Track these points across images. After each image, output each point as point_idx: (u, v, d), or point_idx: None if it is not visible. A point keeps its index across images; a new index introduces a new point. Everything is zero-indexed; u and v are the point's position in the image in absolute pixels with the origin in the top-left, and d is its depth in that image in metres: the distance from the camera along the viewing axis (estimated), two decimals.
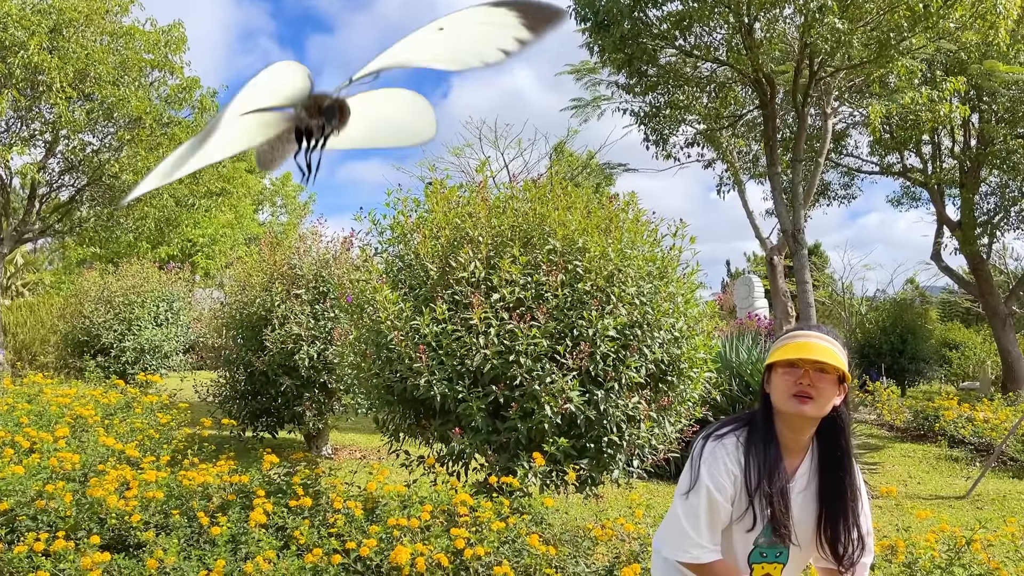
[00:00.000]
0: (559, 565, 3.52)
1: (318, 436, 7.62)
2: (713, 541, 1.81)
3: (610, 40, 10.29)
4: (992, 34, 9.96)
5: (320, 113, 1.19)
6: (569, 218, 4.64)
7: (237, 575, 3.29)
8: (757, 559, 1.84)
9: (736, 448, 1.82)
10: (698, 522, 1.79)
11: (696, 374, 4.86)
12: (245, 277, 7.36)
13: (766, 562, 1.84)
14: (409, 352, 4.25)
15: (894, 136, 16.10)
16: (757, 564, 1.84)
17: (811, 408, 1.74)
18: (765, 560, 1.83)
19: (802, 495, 1.80)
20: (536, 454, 4.05)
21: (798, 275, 11.11)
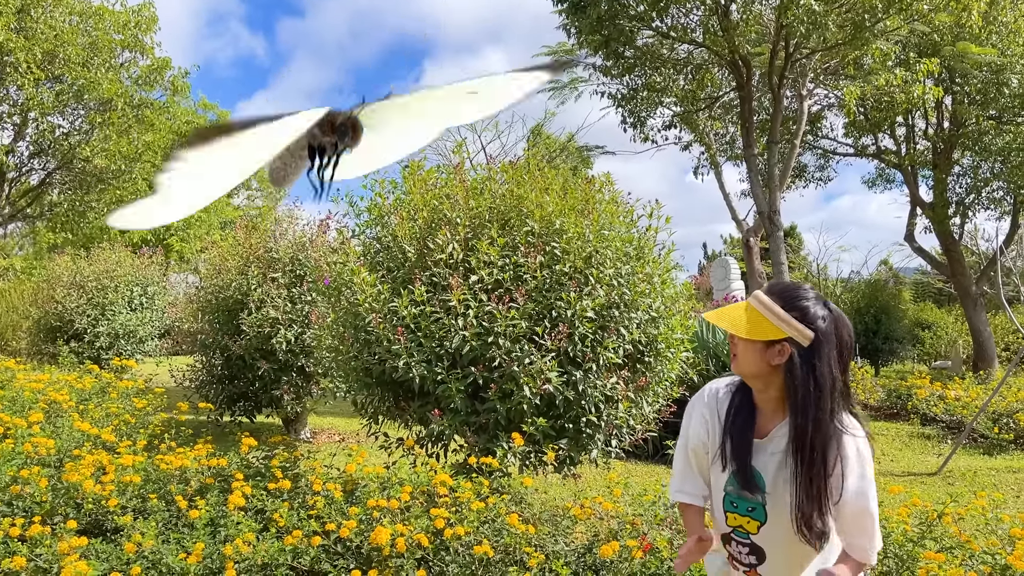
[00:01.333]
0: (538, 544, 3.55)
1: (296, 420, 7.59)
2: (687, 485, 1.96)
3: (587, 21, 10.27)
4: (965, 16, 10.05)
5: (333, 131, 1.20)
6: (546, 199, 4.64)
7: (216, 558, 3.29)
8: (729, 507, 1.88)
9: (714, 396, 1.91)
10: (677, 466, 2.01)
11: (673, 354, 4.90)
12: (220, 261, 7.30)
13: (738, 513, 1.87)
14: (387, 334, 4.25)
15: (869, 118, 16.22)
16: (730, 513, 1.88)
17: (734, 365, 1.83)
18: (736, 511, 1.87)
19: (780, 470, 1.79)
20: (515, 434, 4.07)
21: (774, 256, 11.20)
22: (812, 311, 1.75)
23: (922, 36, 12.18)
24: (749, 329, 1.76)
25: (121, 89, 13.10)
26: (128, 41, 13.53)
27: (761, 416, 1.84)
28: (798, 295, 1.78)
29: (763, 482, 1.81)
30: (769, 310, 1.76)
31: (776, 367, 1.76)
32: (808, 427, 1.72)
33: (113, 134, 13.80)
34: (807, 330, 1.73)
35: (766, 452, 1.81)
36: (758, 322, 1.76)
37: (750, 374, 1.81)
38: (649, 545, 3.32)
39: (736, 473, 1.83)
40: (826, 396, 1.72)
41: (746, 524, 1.86)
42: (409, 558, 3.28)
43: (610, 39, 10.67)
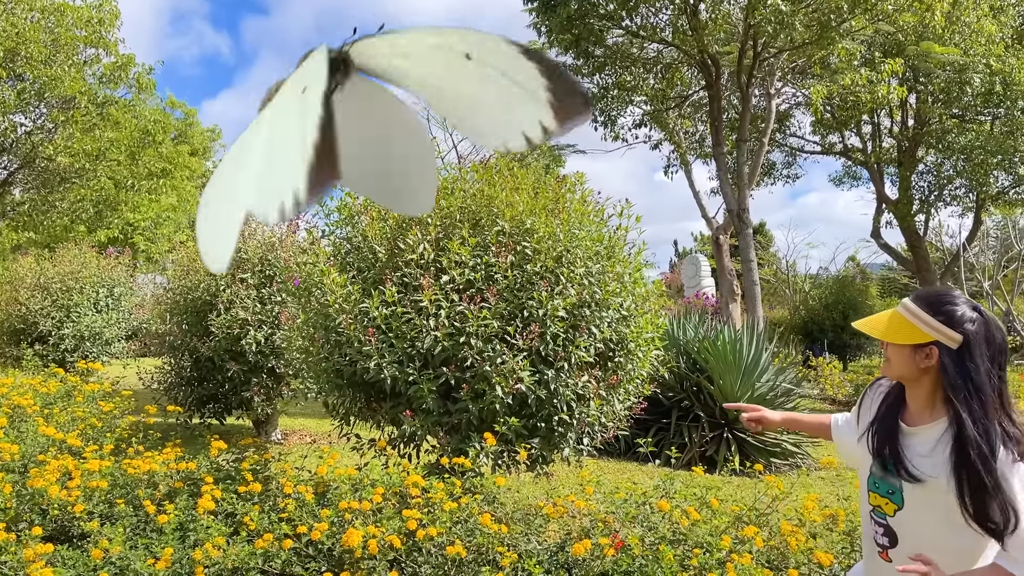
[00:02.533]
0: (511, 543, 3.56)
1: (267, 421, 7.53)
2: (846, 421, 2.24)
3: (557, 20, 10.29)
4: (928, 16, 10.22)
5: None
6: (517, 199, 4.64)
7: (186, 563, 3.25)
8: (871, 487, 1.99)
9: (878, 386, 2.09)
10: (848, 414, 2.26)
11: (644, 352, 4.93)
12: (189, 262, 7.21)
13: (878, 493, 1.97)
14: (358, 335, 4.23)
15: (835, 116, 16.45)
16: (872, 492, 1.99)
17: (885, 370, 1.96)
18: (877, 491, 1.97)
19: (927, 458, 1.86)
20: (487, 434, 4.08)
21: (743, 253, 11.30)
22: (959, 314, 1.82)
23: (887, 36, 12.37)
24: (893, 334, 1.86)
25: (84, 87, 12.88)
26: (91, 38, 13.30)
27: (911, 410, 1.94)
28: (944, 300, 1.86)
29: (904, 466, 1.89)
30: (914, 315, 1.86)
31: (924, 370, 1.86)
32: (972, 425, 1.78)
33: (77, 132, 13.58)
34: (954, 333, 1.81)
35: (914, 441, 1.90)
36: (902, 327, 1.86)
37: (900, 376, 1.92)
38: (621, 543, 3.34)
39: (877, 456, 1.95)
40: (987, 394, 1.80)
41: (884, 506, 1.95)
42: (381, 560, 3.27)
43: (580, 38, 10.71)
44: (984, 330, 1.81)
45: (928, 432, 1.87)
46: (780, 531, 3.50)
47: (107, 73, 13.99)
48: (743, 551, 3.25)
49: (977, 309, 1.84)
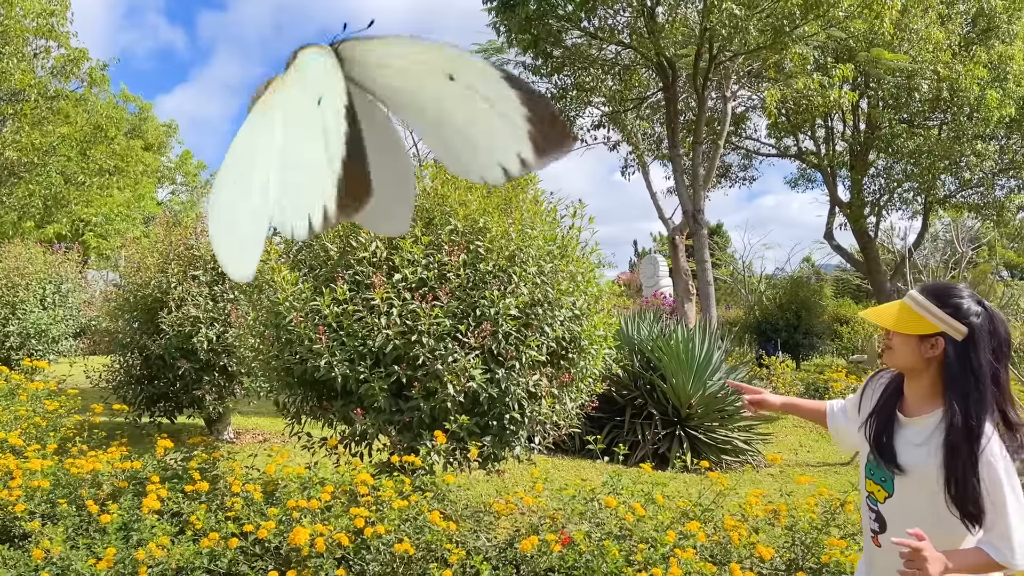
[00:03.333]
0: (460, 540, 3.58)
1: (219, 420, 7.45)
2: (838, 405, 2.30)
3: (516, 21, 10.33)
4: (878, 23, 10.45)
5: None
6: (470, 198, 4.66)
7: (129, 563, 3.22)
8: (868, 473, 2.07)
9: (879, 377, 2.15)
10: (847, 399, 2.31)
11: (596, 350, 4.98)
12: (140, 258, 7.10)
13: (873, 480, 2.04)
14: (309, 333, 4.21)
15: (790, 120, 16.74)
16: (868, 479, 2.07)
17: (887, 359, 2.01)
18: (872, 478, 2.05)
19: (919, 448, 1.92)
20: (438, 432, 4.09)
21: (697, 254, 11.46)
22: (966, 307, 1.88)
23: (839, 42, 12.62)
24: (902, 324, 1.91)
25: (34, 80, 12.59)
26: (42, 30, 13.00)
27: (908, 401, 2.00)
28: (952, 293, 1.92)
29: (895, 457, 1.96)
30: (922, 307, 1.91)
31: (928, 360, 1.92)
32: (965, 414, 1.84)
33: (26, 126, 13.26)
34: (960, 325, 1.87)
35: (909, 431, 1.97)
36: (910, 317, 1.92)
37: (903, 366, 1.98)
38: (568, 539, 3.38)
39: (874, 444, 2.01)
40: (985, 386, 1.85)
41: (876, 492, 2.03)
42: (328, 558, 3.27)
43: (539, 38, 10.76)
44: (988, 323, 1.88)
45: (924, 421, 1.94)
46: (723, 526, 3.57)
47: (58, 66, 13.69)
48: (687, 546, 3.32)
49: (982, 303, 1.91)
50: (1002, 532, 1.79)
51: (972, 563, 1.81)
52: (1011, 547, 1.78)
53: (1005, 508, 1.79)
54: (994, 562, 1.80)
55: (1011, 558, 1.78)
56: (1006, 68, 14.37)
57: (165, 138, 30.41)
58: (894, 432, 2.00)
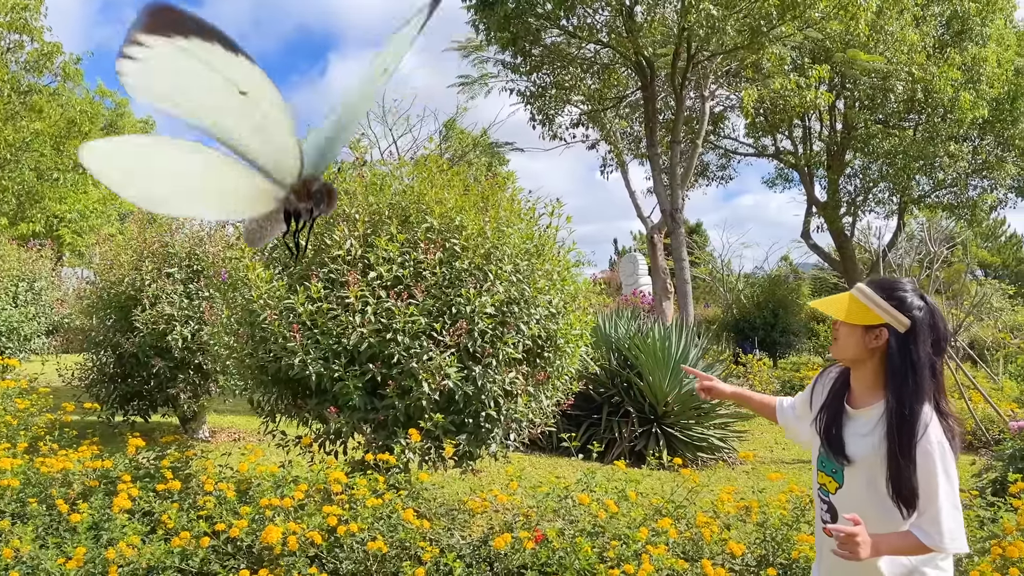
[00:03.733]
0: (433, 538, 3.58)
1: (194, 419, 7.39)
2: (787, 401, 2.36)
3: (494, 19, 10.32)
4: (853, 25, 10.55)
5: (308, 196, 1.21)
6: (446, 196, 4.66)
7: (99, 562, 3.19)
8: (819, 465, 2.12)
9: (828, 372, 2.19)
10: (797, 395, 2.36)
11: (572, 349, 4.99)
12: (113, 256, 7.03)
13: (824, 472, 2.10)
14: (283, 331, 4.19)
15: (768, 120, 16.86)
16: (820, 471, 2.11)
17: (833, 350, 2.07)
18: (824, 470, 2.10)
19: (866, 438, 1.98)
20: (412, 430, 4.09)
21: (675, 253, 11.52)
22: (909, 301, 1.95)
23: (816, 43, 12.73)
24: (850, 315, 1.97)
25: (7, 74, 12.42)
26: (15, 23, 12.83)
27: (855, 393, 2.05)
28: (897, 286, 1.99)
29: (843, 448, 2.01)
30: (869, 299, 1.97)
31: (872, 351, 1.98)
32: (905, 405, 1.91)
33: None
34: (903, 317, 1.94)
35: (856, 423, 2.02)
36: (858, 309, 1.97)
37: (849, 357, 2.03)
38: (541, 536, 3.39)
39: (824, 436, 2.06)
40: (922, 378, 1.93)
41: (828, 483, 2.08)
42: (301, 556, 3.26)
43: (518, 37, 10.76)
44: (930, 318, 1.95)
45: (869, 412, 2.00)
46: (696, 523, 3.60)
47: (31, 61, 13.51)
48: (659, 543, 3.34)
49: (924, 298, 1.98)
50: (933, 517, 1.86)
51: (902, 545, 1.89)
52: (940, 532, 1.85)
53: (937, 494, 1.86)
54: (923, 545, 1.87)
55: (939, 542, 1.86)
56: (979, 70, 14.57)
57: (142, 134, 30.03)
58: (843, 424, 2.05)
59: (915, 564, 1.97)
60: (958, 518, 1.88)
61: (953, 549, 1.89)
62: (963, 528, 1.89)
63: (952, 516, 1.87)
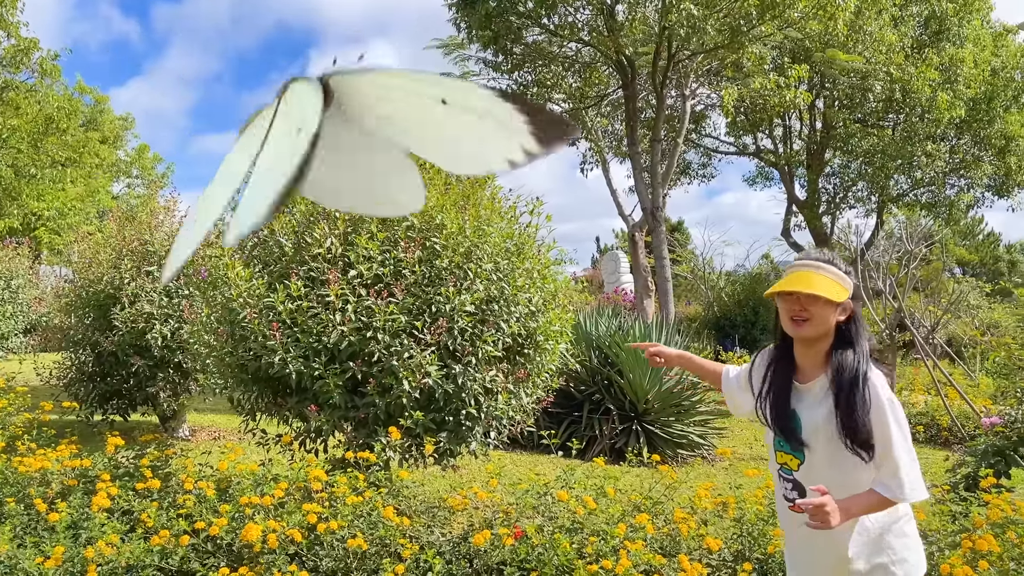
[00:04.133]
0: (414, 535, 3.60)
1: (174, 417, 7.36)
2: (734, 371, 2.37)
3: (476, 17, 10.33)
4: (832, 25, 10.65)
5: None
6: (427, 195, 4.68)
7: (78, 561, 3.19)
8: (777, 446, 2.14)
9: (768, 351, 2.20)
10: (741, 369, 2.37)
11: (552, 346, 5.02)
12: (92, 254, 6.99)
13: (783, 451, 2.12)
14: (263, 329, 4.19)
15: (748, 118, 16.98)
16: (778, 451, 2.14)
17: (806, 329, 1.99)
18: (783, 450, 2.12)
19: (818, 408, 2.01)
20: (392, 428, 4.10)
21: (656, 251, 11.58)
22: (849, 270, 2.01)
23: (796, 42, 12.83)
24: (833, 292, 1.96)
25: None
26: None
27: (803, 369, 2.07)
28: (837, 259, 2.03)
29: (799, 423, 2.03)
30: (834, 274, 1.99)
31: (835, 324, 1.99)
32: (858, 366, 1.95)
33: None
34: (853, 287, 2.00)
35: (808, 397, 2.04)
36: (834, 286, 1.97)
37: (820, 334, 2.01)
38: (520, 532, 3.42)
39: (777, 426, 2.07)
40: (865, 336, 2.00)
41: (789, 462, 2.10)
42: (281, 554, 3.27)
43: (499, 35, 10.78)
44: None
45: (819, 383, 2.03)
46: (673, 519, 3.64)
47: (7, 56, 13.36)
48: (636, 538, 3.38)
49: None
50: (892, 470, 1.91)
51: (868, 503, 1.93)
52: (900, 483, 1.90)
53: (892, 447, 1.91)
54: (887, 499, 1.92)
55: (900, 494, 1.90)
56: (956, 70, 14.74)
57: (121, 131, 29.85)
58: (792, 402, 2.07)
59: (880, 533, 2.02)
60: (915, 468, 1.93)
61: (914, 498, 1.94)
62: (921, 477, 1.95)
63: (910, 467, 1.92)
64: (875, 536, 2.03)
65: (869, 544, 2.04)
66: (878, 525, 2.03)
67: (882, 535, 2.03)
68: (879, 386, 1.95)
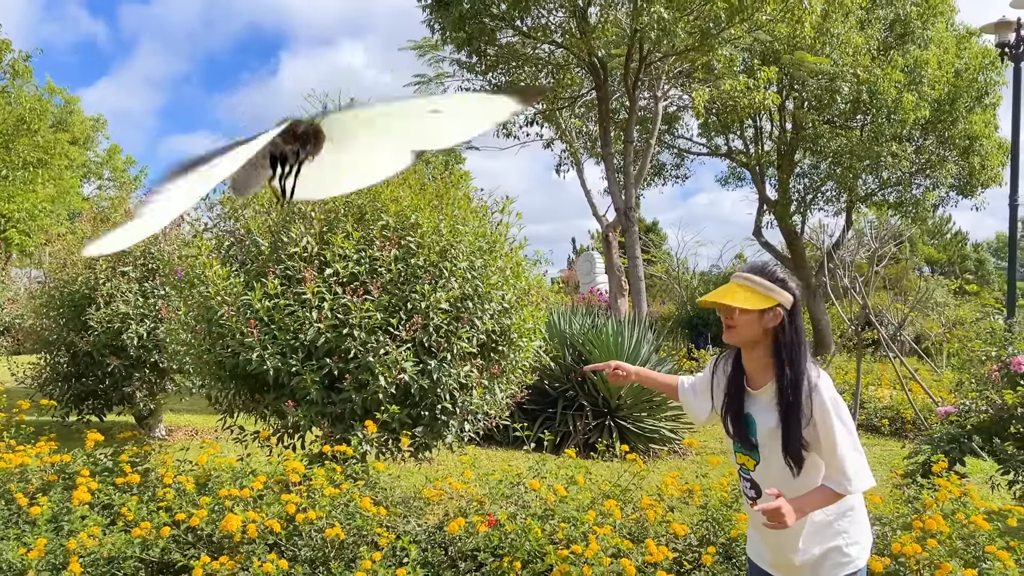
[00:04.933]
0: (390, 525, 3.70)
1: (151, 417, 7.39)
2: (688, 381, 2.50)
3: (450, 19, 10.42)
4: (799, 28, 10.87)
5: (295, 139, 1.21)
6: (402, 194, 4.78)
7: (60, 552, 3.25)
8: (736, 448, 2.28)
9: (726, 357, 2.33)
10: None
11: (525, 343, 5.14)
12: (66, 254, 7.00)
13: (742, 452, 2.26)
14: (240, 327, 4.27)
15: (720, 119, 17.20)
16: (737, 452, 2.28)
17: (732, 336, 2.17)
18: (740, 450, 2.26)
19: (770, 413, 2.14)
20: (368, 422, 4.20)
21: (629, 251, 11.74)
22: (788, 281, 2.14)
23: (765, 44, 13.05)
24: (750, 302, 2.11)
25: None
26: None
27: (750, 375, 2.21)
28: (774, 269, 2.17)
29: (754, 426, 2.17)
30: (759, 284, 2.13)
31: (767, 331, 2.14)
32: (797, 375, 2.09)
33: None
34: (788, 295, 2.12)
35: (760, 402, 2.18)
36: (752, 295, 2.11)
37: (746, 340, 2.16)
38: (493, 520, 3.54)
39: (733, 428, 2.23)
40: (804, 347, 2.13)
41: (747, 462, 2.24)
42: (260, 543, 3.36)
43: (472, 37, 10.87)
44: (798, 290, 2.16)
45: (768, 389, 2.17)
46: (641, 506, 3.77)
47: None
48: (605, 524, 3.50)
49: (792, 276, 2.18)
50: (838, 466, 2.05)
51: (820, 499, 2.07)
52: (847, 477, 2.04)
53: (835, 443, 2.04)
54: (837, 493, 2.06)
55: (847, 486, 2.05)
56: (921, 72, 15.05)
57: (92, 132, 29.52)
58: (745, 407, 2.22)
59: (831, 520, 2.16)
60: (859, 460, 2.07)
61: (860, 488, 2.08)
62: (866, 467, 2.08)
63: (854, 459, 2.05)
64: (827, 523, 2.17)
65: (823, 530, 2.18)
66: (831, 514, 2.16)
67: (834, 522, 2.17)
68: (822, 388, 2.08)
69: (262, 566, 3.15)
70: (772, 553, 2.31)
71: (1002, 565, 3.03)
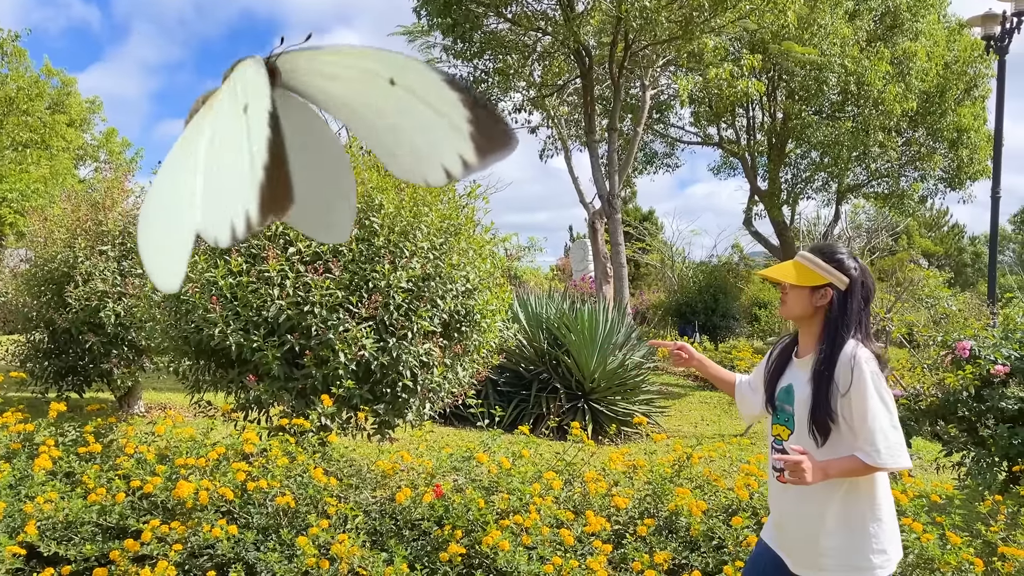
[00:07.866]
0: (342, 495, 3.83)
1: (130, 394, 7.52)
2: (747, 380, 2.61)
3: (436, 5, 10.50)
4: (782, 18, 10.94)
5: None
6: (366, 176, 4.88)
7: (17, 516, 3.38)
8: (774, 419, 2.40)
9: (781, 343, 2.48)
10: None
11: (488, 323, 5.26)
12: (47, 233, 7.11)
13: (778, 423, 2.38)
14: (204, 303, 4.39)
15: (712, 108, 17.27)
16: (774, 424, 2.39)
17: (783, 310, 2.36)
18: (777, 421, 2.38)
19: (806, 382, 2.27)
20: (324, 396, 4.31)
21: (612, 237, 11.85)
22: (846, 263, 2.28)
23: (752, 34, 13.11)
24: (800, 278, 2.27)
25: None
26: None
27: (801, 345, 2.36)
28: (835, 250, 2.33)
29: (792, 395, 2.31)
30: (813, 263, 2.29)
31: (818, 308, 2.28)
32: (834, 349, 2.22)
33: None
34: (843, 276, 2.26)
35: (802, 371, 2.32)
36: (804, 272, 2.28)
37: (796, 315, 2.32)
38: (440, 491, 3.66)
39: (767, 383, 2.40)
40: (853, 327, 2.25)
41: (782, 432, 2.36)
42: (213, 510, 3.48)
43: (458, 23, 10.95)
44: (862, 275, 2.29)
45: (810, 360, 2.30)
46: (585, 480, 3.90)
47: None
48: (548, 495, 3.63)
49: (856, 260, 2.32)
50: (868, 437, 2.13)
51: (847, 468, 2.15)
52: (877, 450, 2.11)
53: (868, 415, 2.13)
54: (867, 465, 2.13)
55: (877, 459, 2.11)
56: (909, 64, 15.11)
57: (88, 115, 29.51)
58: (788, 376, 2.36)
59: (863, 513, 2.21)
60: (896, 437, 2.13)
61: (894, 466, 2.14)
62: (903, 446, 2.14)
63: (888, 435, 2.12)
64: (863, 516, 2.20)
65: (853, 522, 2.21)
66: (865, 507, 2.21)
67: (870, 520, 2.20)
68: (863, 362, 2.18)
69: (211, 530, 3.28)
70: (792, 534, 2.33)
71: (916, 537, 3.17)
